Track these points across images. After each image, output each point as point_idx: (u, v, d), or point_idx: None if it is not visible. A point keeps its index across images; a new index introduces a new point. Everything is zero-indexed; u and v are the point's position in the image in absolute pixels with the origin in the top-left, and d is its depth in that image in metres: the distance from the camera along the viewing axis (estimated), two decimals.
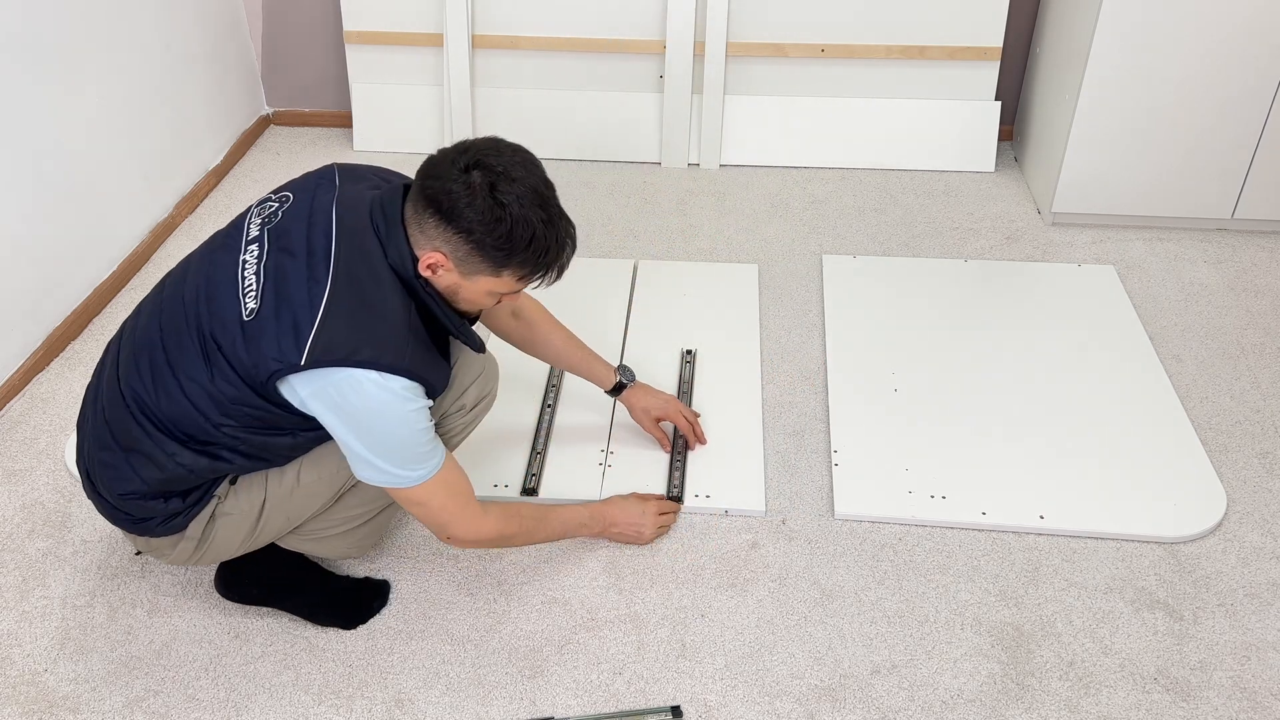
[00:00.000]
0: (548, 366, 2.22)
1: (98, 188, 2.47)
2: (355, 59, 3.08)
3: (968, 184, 2.98)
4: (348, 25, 3.03)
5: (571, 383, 2.18)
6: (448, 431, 1.66)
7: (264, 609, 1.71)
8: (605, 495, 1.91)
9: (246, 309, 1.37)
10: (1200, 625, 1.69)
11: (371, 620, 1.70)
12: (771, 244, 2.71)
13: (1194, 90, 2.53)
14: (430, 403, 1.44)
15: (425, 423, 1.43)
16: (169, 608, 1.72)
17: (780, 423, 2.10)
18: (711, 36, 2.94)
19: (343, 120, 3.26)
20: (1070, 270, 2.57)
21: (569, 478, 1.96)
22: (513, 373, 2.21)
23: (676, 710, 1.56)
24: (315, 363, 1.33)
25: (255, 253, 1.41)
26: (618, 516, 1.78)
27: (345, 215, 1.41)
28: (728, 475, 1.96)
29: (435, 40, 3.02)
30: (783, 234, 2.75)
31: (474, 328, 1.55)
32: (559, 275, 1.45)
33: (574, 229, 1.43)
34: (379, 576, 1.77)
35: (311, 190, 1.46)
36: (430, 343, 1.45)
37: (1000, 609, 1.72)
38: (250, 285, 1.38)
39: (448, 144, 1.41)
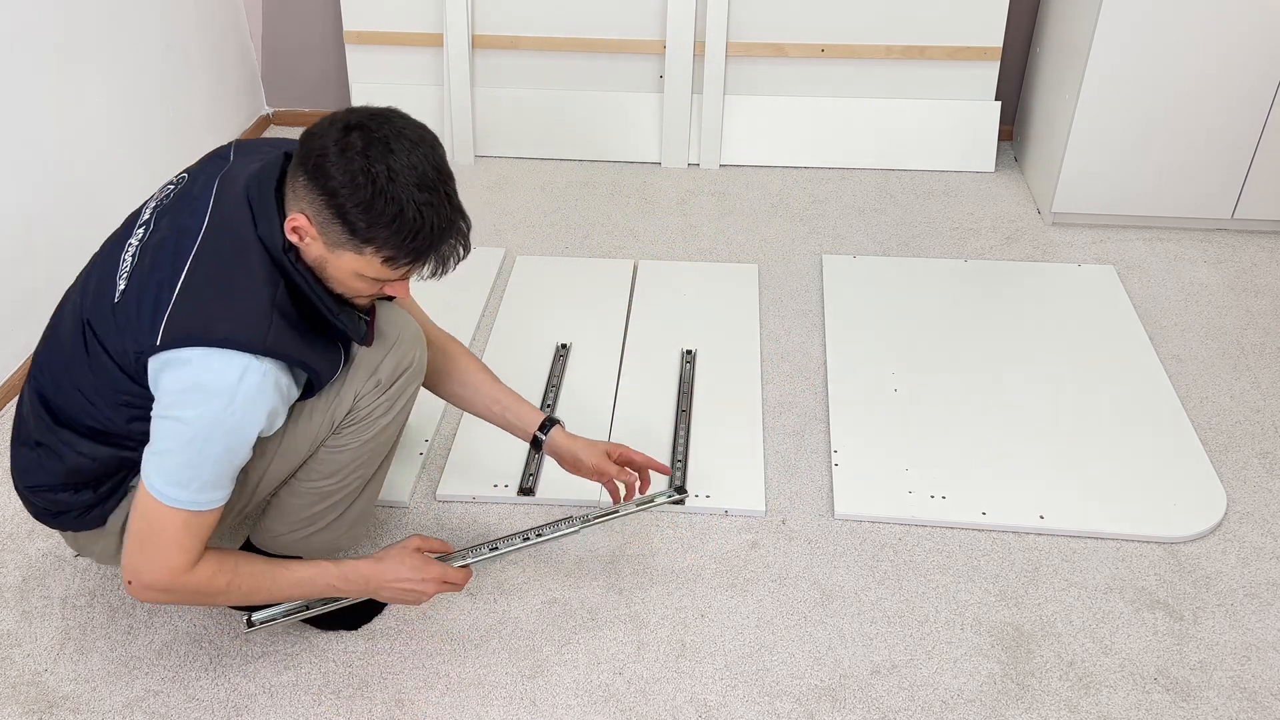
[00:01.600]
0: (547, 366, 2.22)
1: (98, 187, 2.47)
2: (355, 59, 3.08)
3: (968, 184, 2.98)
4: (348, 25, 3.03)
5: (571, 382, 2.18)
6: (369, 413, 1.49)
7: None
8: (605, 496, 1.91)
9: (117, 291, 1.32)
10: (1200, 625, 1.69)
11: (372, 620, 1.70)
12: (771, 244, 2.71)
13: (1194, 90, 2.53)
14: (273, 425, 1.34)
15: (250, 437, 1.30)
16: (169, 608, 1.72)
17: (780, 423, 2.10)
18: (711, 36, 2.94)
19: None
20: (1070, 270, 2.57)
21: (568, 478, 1.95)
22: (513, 372, 2.21)
23: (681, 489, 1.54)
24: (172, 342, 1.25)
25: (140, 235, 1.36)
26: (385, 578, 1.49)
27: (225, 189, 1.33)
28: (728, 475, 1.96)
29: (435, 40, 3.02)
30: (783, 234, 2.75)
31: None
32: (440, 269, 1.31)
33: (466, 223, 1.31)
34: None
35: (201, 168, 1.40)
36: (305, 326, 1.33)
37: (1000, 609, 1.72)
38: (125, 268, 1.33)
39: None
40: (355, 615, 1.68)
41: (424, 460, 2.01)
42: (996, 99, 3.00)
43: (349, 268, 1.28)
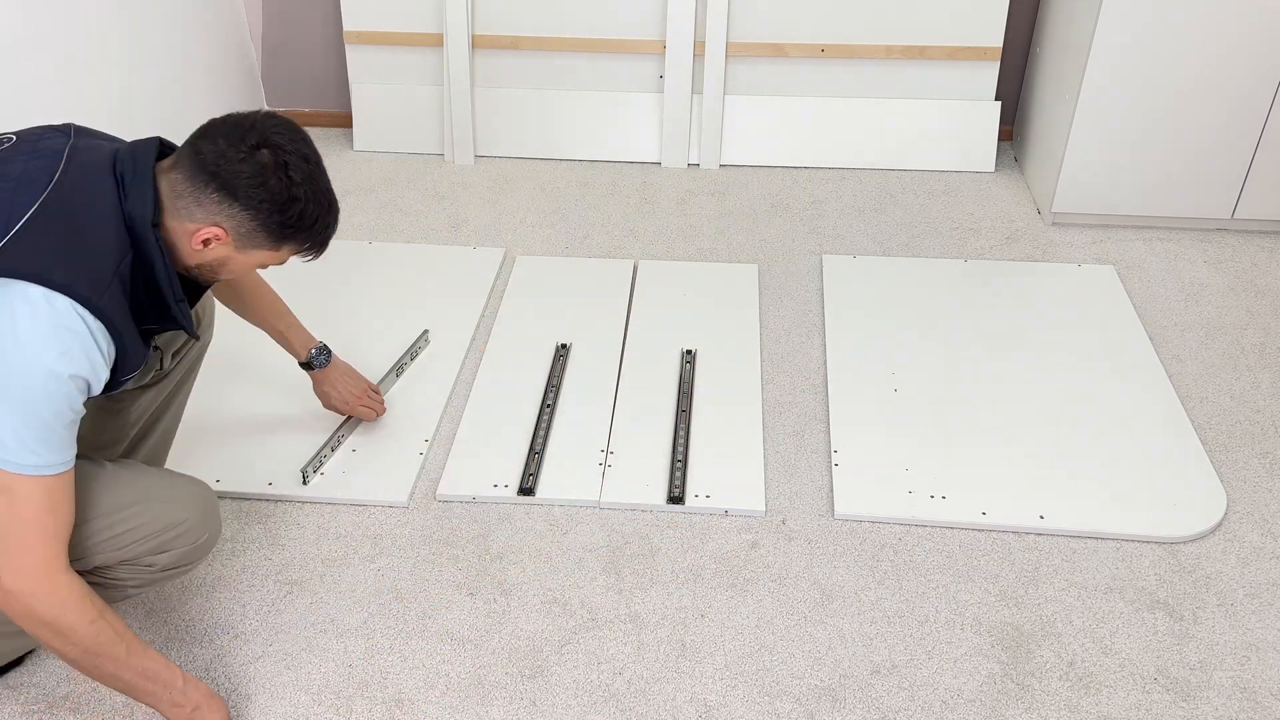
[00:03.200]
0: (548, 365, 2.22)
1: None
2: (355, 59, 3.08)
3: (968, 184, 2.98)
4: (348, 25, 3.03)
5: (571, 382, 2.18)
6: (119, 580, 1.42)
7: (264, 608, 1.71)
8: (605, 496, 1.91)
9: None
10: (1200, 625, 1.69)
11: (372, 620, 1.69)
12: (771, 244, 2.71)
13: (1194, 90, 2.53)
14: (97, 385, 1.28)
15: (79, 398, 1.25)
16: (168, 608, 1.72)
17: (780, 423, 2.10)
18: (711, 36, 2.94)
19: (343, 120, 3.26)
20: (1070, 270, 2.57)
21: (568, 478, 1.96)
22: (513, 372, 2.22)
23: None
24: (1, 270, 1.20)
25: None
26: (204, 712, 1.44)
27: (79, 156, 1.31)
28: (728, 475, 1.96)
29: (435, 40, 3.02)
30: (783, 234, 2.75)
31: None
32: (326, 249, 1.45)
33: (337, 202, 1.43)
34: (378, 575, 1.77)
35: (39, 135, 1.35)
36: (130, 307, 1.31)
37: (1000, 609, 1.72)
38: None
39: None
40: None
41: (424, 460, 2.01)
42: (996, 99, 3.00)
43: (257, 261, 1.39)
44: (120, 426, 1.67)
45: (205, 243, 1.33)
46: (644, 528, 1.87)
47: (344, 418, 2.04)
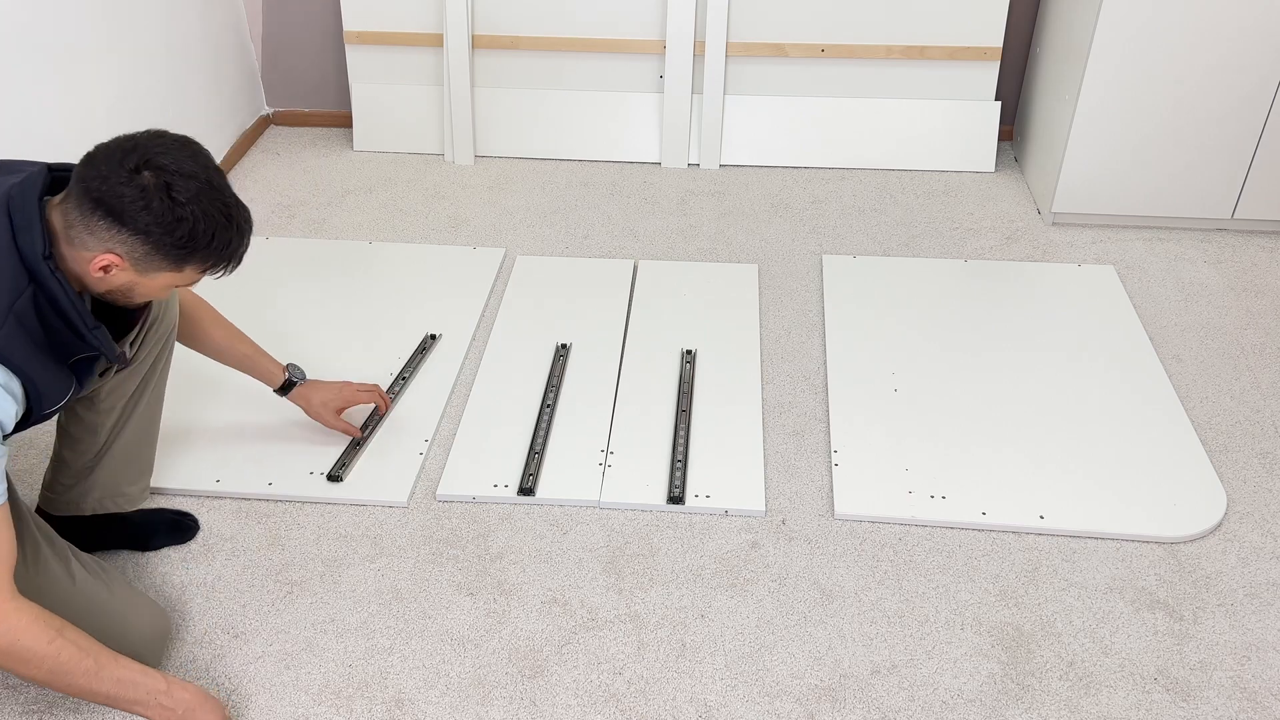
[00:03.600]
0: (548, 364, 2.22)
1: None
2: (355, 59, 3.08)
3: (968, 184, 2.98)
4: (348, 25, 3.03)
5: (571, 382, 2.18)
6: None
7: (265, 608, 1.71)
8: (605, 496, 1.91)
9: None
10: (1200, 625, 1.69)
11: (372, 620, 1.70)
12: (771, 244, 2.71)
13: (1194, 90, 2.53)
14: (6, 425, 1.28)
15: None
16: (168, 608, 1.72)
17: (780, 423, 2.10)
18: (711, 36, 2.94)
19: (343, 120, 3.26)
20: (1070, 270, 2.57)
21: (568, 478, 1.96)
22: (513, 372, 2.22)
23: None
24: None
25: None
26: (197, 714, 1.42)
27: None
28: (728, 475, 1.96)
29: (435, 40, 3.02)
30: (783, 234, 2.75)
31: None
32: (239, 263, 1.40)
33: (249, 214, 1.39)
34: (378, 575, 1.77)
35: None
36: (44, 341, 1.31)
37: (1000, 609, 1.72)
38: None
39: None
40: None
41: (424, 460, 2.01)
42: (996, 99, 3.00)
43: (164, 283, 1.36)
44: (94, 417, 1.66)
45: (104, 269, 1.30)
46: (644, 528, 1.87)
47: (368, 416, 2.06)
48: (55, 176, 1.34)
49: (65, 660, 1.31)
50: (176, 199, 1.28)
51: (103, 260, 1.29)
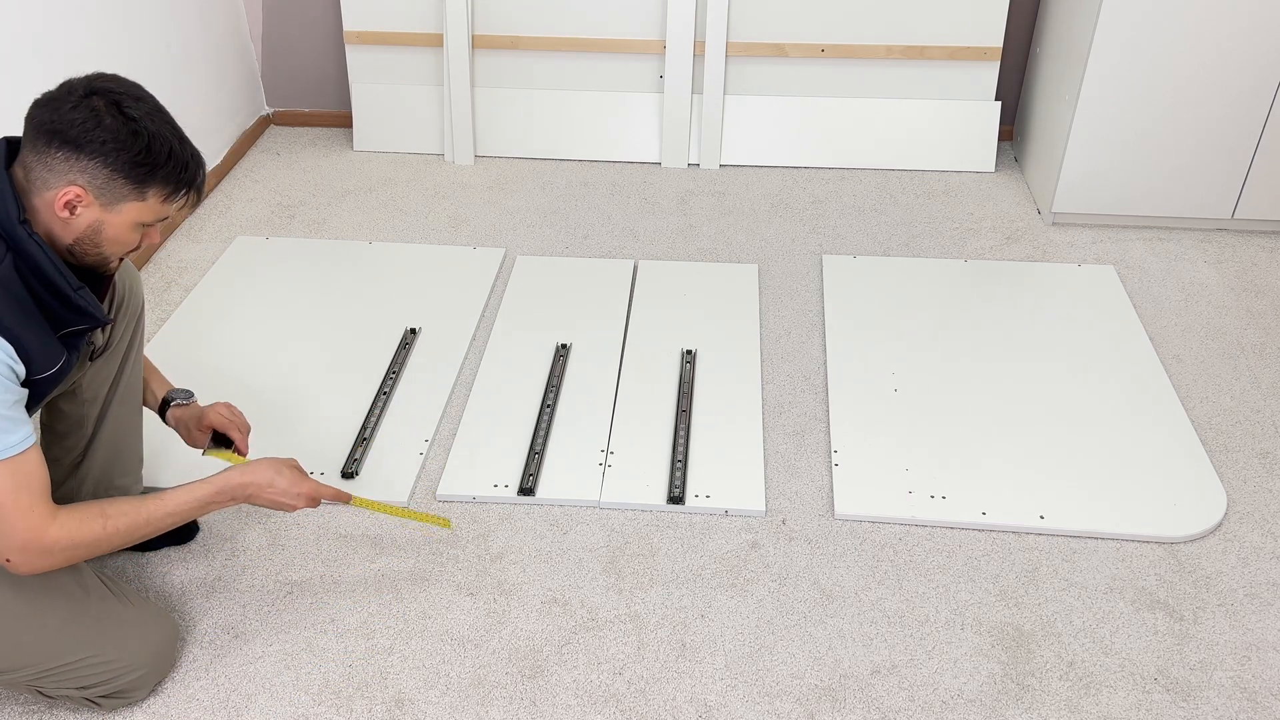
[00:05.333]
0: (548, 364, 2.22)
1: None
2: (355, 59, 3.08)
3: (968, 184, 2.98)
4: (348, 25, 3.03)
5: (571, 382, 2.18)
6: (48, 692, 1.47)
7: (265, 608, 1.71)
8: (605, 496, 1.91)
9: None
10: (1200, 625, 1.69)
11: (372, 620, 1.70)
12: (771, 244, 2.71)
13: (1194, 90, 2.53)
14: (19, 370, 1.30)
15: (6, 381, 1.28)
16: (168, 607, 1.72)
17: (780, 423, 2.10)
18: (711, 36, 2.94)
19: (343, 120, 3.26)
20: (1070, 270, 2.57)
21: (568, 478, 1.96)
22: (513, 372, 2.22)
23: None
24: None
25: None
26: (261, 484, 1.53)
27: None
28: (728, 475, 1.96)
29: (435, 40, 3.02)
30: (783, 234, 2.75)
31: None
32: (199, 196, 1.40)
33: (198, 151, 1.40)
34: (378, 575, 1.77)
35: None
36: (34, 309, 1.31)
37: (1000, 609, 1.72)
38: None
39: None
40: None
41: (424, 460, 2.01)
42: (996, 99, 3.00)
43: (130, 219, 1.34)
44: (77, 409, 1.66)
45: (69, 208, 1.29)
46: (644, 528, 1.87)
47: (369, 408, 2.08)
48: (12, 145, 1.34)
49: (124, 527, 1.40)
50: (129, 114, 1.30)
51: (66, 194, 1.28)
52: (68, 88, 1.31)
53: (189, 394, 1.76)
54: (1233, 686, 1.59)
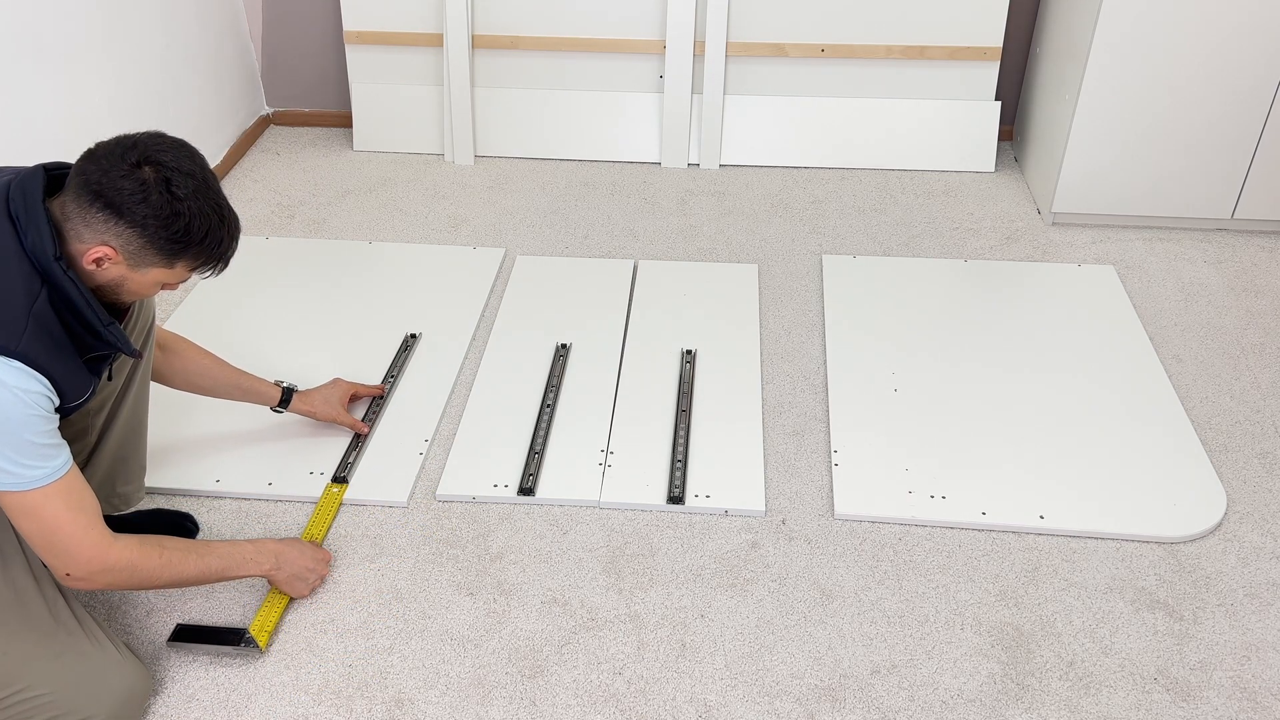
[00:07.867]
0: (548, 364, 2.22)
1: None
2: (355, 59, 3.08)
3: (968, 184, 2.98)
4: (348, 25, 3.03)
5: (571, 382, 2.18)
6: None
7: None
8: (605, 496, 1.92)
9: None
10: (1200, 625, 1.69)
11: (372, 620, 1.70)
12: (771, 244, 2.71)
13: (1194, 90, 2.53)
14: (55, 402, 1.34)
15: (45, 413, 1.32)
16: (168, 607, 1.72)
17: (780, 423, 2.10)
18: (711, 36, 2.94)
19: (343, 120, 3.26)
20: (1070, 270, 2.57)
21: (568, 478, 1.96)
22: (513, 372, 2.22)
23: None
24: None
25: None
26: (291, 555, 1.68)
27: None
28: (728, 475, 1.96)
29: (435, 40, 3.02)
30: (783, 234, 2.75)
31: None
32: (226, 265, 1.44)
33: (239, 219, 1.43)
34: (378, 575, 1.77)
35: None
36: (65, 340, 1.35)
37: (1000, 609, 1.72)
38: None
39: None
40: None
41: (424, 460, 2.01)
42: (996, 99, 3.00)
43: (154, 280, 1.38)
44: (82, 418, 1.65)
45: (97, 263, 1.33)
46: (644, 528, 1.87)
47: (369, 408, 2.10)
48: (51, 176, 1.36)
49: (177, 565, 1.50)
50: (175, 194, 1.31)
51: (96, 252, 1.31)
52: (122, 150, 1.31)
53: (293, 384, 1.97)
54: (1232, 686, 1.59)
